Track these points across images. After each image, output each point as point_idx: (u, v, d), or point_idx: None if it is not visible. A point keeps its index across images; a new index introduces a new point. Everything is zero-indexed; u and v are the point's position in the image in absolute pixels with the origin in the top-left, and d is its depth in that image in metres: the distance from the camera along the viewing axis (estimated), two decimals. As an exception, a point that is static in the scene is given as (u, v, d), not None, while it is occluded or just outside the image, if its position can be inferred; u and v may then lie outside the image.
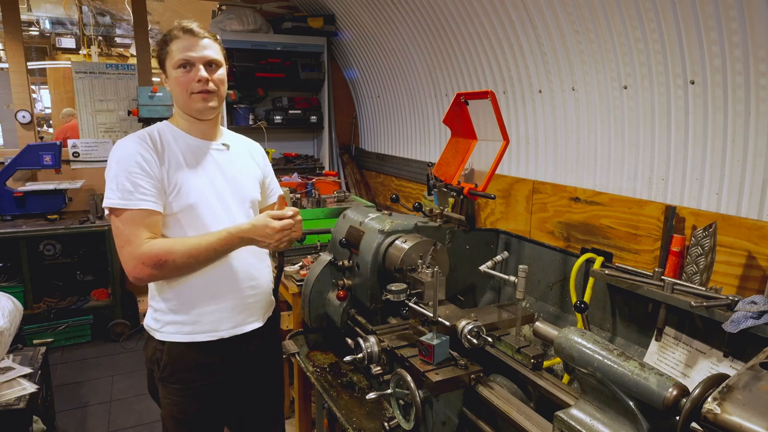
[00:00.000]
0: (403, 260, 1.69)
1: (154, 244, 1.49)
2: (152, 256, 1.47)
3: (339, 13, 4.54)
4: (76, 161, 4.52)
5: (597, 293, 1.73)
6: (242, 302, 1.68)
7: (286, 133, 5.12)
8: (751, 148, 1.78)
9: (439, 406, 1.37)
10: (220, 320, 1.64)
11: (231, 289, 1.65)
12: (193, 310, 1.61)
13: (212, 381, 1.66)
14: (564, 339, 1.12)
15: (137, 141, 1.57)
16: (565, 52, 2.46)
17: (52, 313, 4.07)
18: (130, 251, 1.48)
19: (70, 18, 6.95)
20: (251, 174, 1.79)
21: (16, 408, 2.26)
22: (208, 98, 1.60)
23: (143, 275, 1.49)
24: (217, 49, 1.62)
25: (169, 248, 1.49)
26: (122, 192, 1.49)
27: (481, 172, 1.96)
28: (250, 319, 1.71)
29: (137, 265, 1.48)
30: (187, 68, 1.57)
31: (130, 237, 1.48)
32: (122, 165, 1.52)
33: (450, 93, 3.53)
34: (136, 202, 1.49)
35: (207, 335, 1.63)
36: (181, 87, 1.58)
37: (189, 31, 1.57)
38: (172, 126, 1.66)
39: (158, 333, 1.64)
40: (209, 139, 1.70)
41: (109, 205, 1.50)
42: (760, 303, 1.30)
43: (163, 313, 1.63)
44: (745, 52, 1.72)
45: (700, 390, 0.89)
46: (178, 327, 1.62)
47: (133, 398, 3.45)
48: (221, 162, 1.69)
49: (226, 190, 1.67)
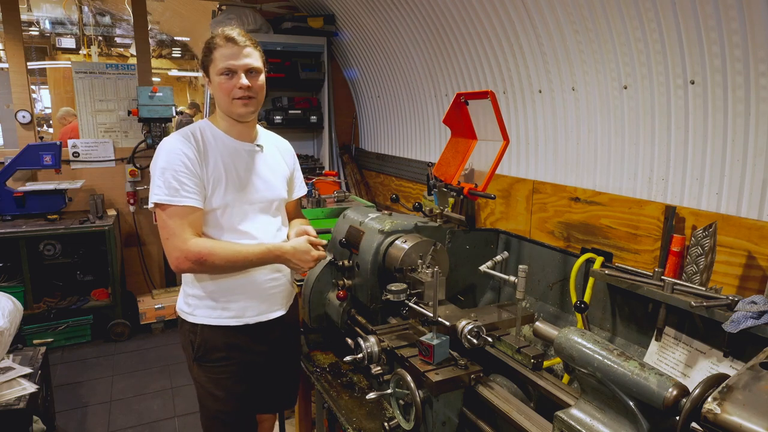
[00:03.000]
0: (403, 260, 1.69)
1: (199, 243, 1.62)
2: (195, 253, 1.60)
3: (339, 13, 4.54)
4: (76, 161, 4.52)
5: (597, 293, 1.73)
6: (265, 293, 1.81)
7: (286, 133, 5.02)
8: (751, 148, 1.77)
9: (439, 406, 1.37)
10: (246, 308, 1.78)
11: (254, 281, 1.78)
12: (222, 297, 1.75)
13: (245, 361, 1.81)
14: (564, 339, 1.12)
15: (182, 140, 1.68)
16: (565, 52, 2.46)
17: (52, 313, 4.07)
18: (174, 244, 1.61)
19: (70, 18, 6.95)
20: (281, 173, 1.91)
21: (16, 408, 2.26)
22: (249, 104, 1.71)
23: (184, 267, 1.64)
24: (257, 57, 1.71)
25: (211, 250, 1.62)
26: (169, 189, 1.61)
27: (481, 172, 1.96)
28: (273, 307, 1.85)
29: (180, 257, 1.61)
30: (230, 75, 1.67)
31: (176, 230, 1.61)
32: (169, 163, 1.63)
33: (450, 93, 3.53)
34: (181, 199, 1.62)
35: (234, 320, 1.77)
36: (224, 92, 1.68)
37: (231, 39, 1.66)
38: (212, 126, 1.78)
39: (190, 316, 1.78)
40: (245, 140, 1.80)
41: (156, 201, 1.62)
42: (760, 303, 1.30)
43: (197, 299, 1.77)
44: (745, 52, 1.72)
45: (700, 390, 0.89)
46: (208, 311, 1.76)
47: (133, 398, 3.45)
48: (255, 163, 1.81)
49: (257, 191, 1.79)
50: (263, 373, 1.89)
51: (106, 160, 4.62)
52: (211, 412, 1.84)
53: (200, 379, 1.81)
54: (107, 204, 4.57)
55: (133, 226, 4.75)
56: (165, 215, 1.62)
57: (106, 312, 4.27)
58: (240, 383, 1.82)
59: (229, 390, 1.80)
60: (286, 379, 2.04)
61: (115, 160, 4.65)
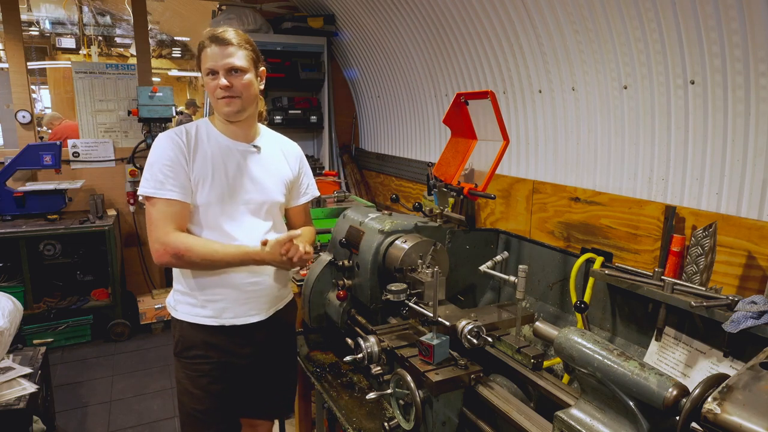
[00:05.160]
0: (403, 260, 1.69)
1: (179, 237, 1.65)
2: (173, 247, 1.63)
3: (339, 13, 4.54)
4: (76, 161, 4.52)
5: (597, 293, 1.73)
6: (243, 296, 1.78)
7: (286, 133, 5.05)
8: (751, 148, 1.77)
9: (439, 406, 1.37)
10: (224, 309, 1.77)
11: (232, 282, 1.76)
12: (201, 296, 1.76)
13: (223, 361, 1.79)
14: (564, 339, 1.12)
15: (174, 136, 1.71)
16: (565, 52, 2.46)
17: (52, 313, 4.07)
18: (156, 236, 1.65)
19: (70, 18, 6.95)
20: (279, 176, 1.87)
21: (16, 408, 2.26)
22: (231, 103, 1.70)
23: (163, 260, 1.65)
24: (241, 56, 1.69)
25: (190, 246, 1.64)
26: (155, 182, 1.65)
27: (481, 172, 1.96)
28: (251, 312, 1.81)
29: (159, 250, 1.64)
30: (214, 75, 1.68)
31: (158, 223, 1.65)
32: (158, 157, 1.67)
33: (450, 93, 3.53)
34: (165, 192, 1.65)
35: (211, 320, 1.77)
36: (210, 92, 1.72)
37: (215, 39, 1.67)
38: (209, 124, 1.79)
39: (173, 311, 1.82)
40: (240, 140, 1.80)
41: (142, 192, 1.67)
42: (760, 303, 1.30)
43: (180, 294, 1.80)
44: (745, 52, 1.72)
45: (700, 390, 0.89)
46: (188, 308, 1.78)
47: (133, 398, 3.45)
48: (248, 164, 1.79)
49: (245, 192, 1.77)
50: (247, 377, 1.86)
51: (106, 160, 4.62)
52: (186, 408, 1.82)
53: (179, 374, 1.83)
54: (107, 204, 4.57)
55: (133, 226, 4.75)
56: (151, 207, 1.66)
57: (106, 312, 4.27)
58: (217, 383, 1.79)
59: (204, 389, 1.78)
60: (279, 385, 1.99)
61: (115, 160, 4.65)
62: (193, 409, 1.81)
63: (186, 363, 1.79)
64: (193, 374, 1.79)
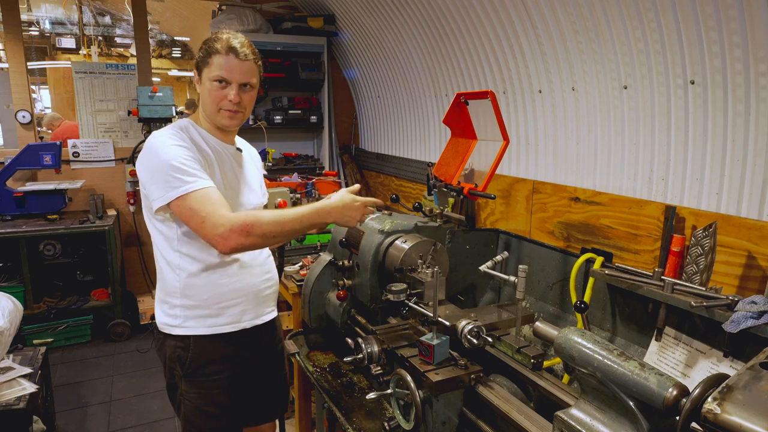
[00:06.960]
0: (403, 260, 1.69)
1: (239, 214, 1.51)
2: (240, 224, 1.46)
3: (339, 13, 4.54)
4: (76, 161, 4.52)
5: (597, 293, 1.73)
6: (260, 294, 1.76)
7: (286, 133, 5.12)
8: (751, 148, 1.77)
9: (439, 406, 1.37)
10: (243, 312, 1.71)
11: (250, 283, 1.72)
12: (216, 304, 1.66)
13: (235, 372, 1.73)
14: (564, 339, 1.12)
15: (179, 132, 1.63)
16: (565, 52, 2.46)
17: (52, 313, 4.07)
18: (214, 222, 1.47)
19: (70, 18, 6.95)
20: (257, 178, 1.88)
21: (16, 408, 2.26)
22: (235, 117, 1.66)
23: (232, 243, 1.47)
24: (255, 72, 1.66)
25: (257, 217, 1.50)
26: (187, 176, 1.51)
27: (481, 172, 1.96)
28: (267, 309, 1.81)
29: (224, 233, 1.46)
30: (223, 84, 1.61)
31: (210, 210, 1.48)
32: (176, 156, 1.54)
33: (450, 93, 3.53)
34: (201, 182, 1.52)
35: (230, 327, 1.69)
36: (212, 100, 1.63)
37: (234, 50, 1.59)
38: (195, 125, 1.71)
39: (178, 329, 1.67)
40: (228, 143, 1.77)
41: (178, 194, 1.50)
42: (760, 303, 1.30)
43: (186, 309, 1.66)
44: (745, 52, 1.72)
45: (700, 390, 0.89)
46: (201, 321, 1.66)
47: (133, 398, 3.45)
48: (238, 166, 1.78)
49: (242, 194, 1.76)
50: (251, 382, 1.82)
51: (106, 160, 4.62)
52: (200, 430, 1.73)
53: (189, 395, 1.71)
54: (107, 204, 4.57)
55: (133, 226, 4.75)
56: (190, 203, 1.50)
57: (106, 312, 4.26)
58: (230, 395, 1.74)
59: (221, 405, 1.72)
60: (275, 383, 1.98)
61: (115, 160, 4.64)
62: (210, 430, 1.73)
63: (201, 382, 1.69)
64: (210, 392, 1.70)
